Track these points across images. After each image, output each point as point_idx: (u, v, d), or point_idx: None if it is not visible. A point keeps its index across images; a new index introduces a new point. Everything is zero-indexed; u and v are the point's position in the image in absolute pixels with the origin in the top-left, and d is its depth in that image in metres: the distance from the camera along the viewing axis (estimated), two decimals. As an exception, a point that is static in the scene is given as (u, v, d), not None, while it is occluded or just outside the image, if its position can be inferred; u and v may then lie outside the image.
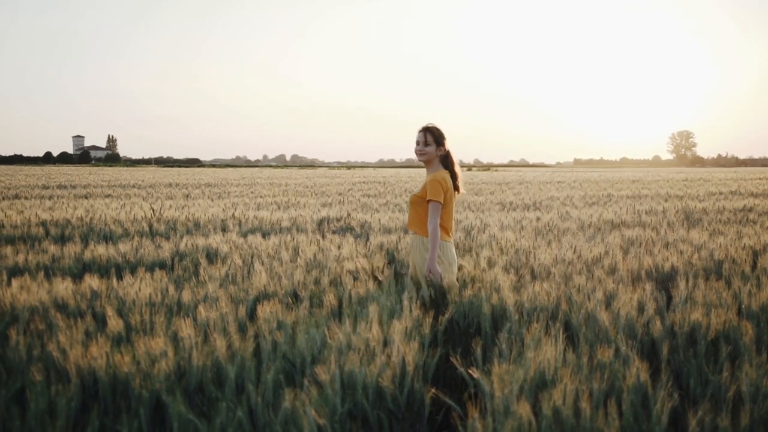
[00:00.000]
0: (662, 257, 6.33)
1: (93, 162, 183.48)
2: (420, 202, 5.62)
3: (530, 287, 4.91)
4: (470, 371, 3.35)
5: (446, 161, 5.72)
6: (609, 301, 4.71)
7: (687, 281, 4.93)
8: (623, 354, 3.67)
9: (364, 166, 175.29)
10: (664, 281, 5.89)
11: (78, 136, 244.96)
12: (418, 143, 5.66)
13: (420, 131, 5.66)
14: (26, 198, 18.84)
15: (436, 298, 5.23)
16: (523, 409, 2.82)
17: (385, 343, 3.75)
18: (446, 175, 5.64)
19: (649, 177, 42.98)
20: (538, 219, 11.07)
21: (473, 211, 13.45)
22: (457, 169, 5.76)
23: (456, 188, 5.72)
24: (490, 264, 6.06)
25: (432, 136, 5.66)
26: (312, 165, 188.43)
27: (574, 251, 6.90)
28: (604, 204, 15.73)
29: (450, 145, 5.72)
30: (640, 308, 4.46)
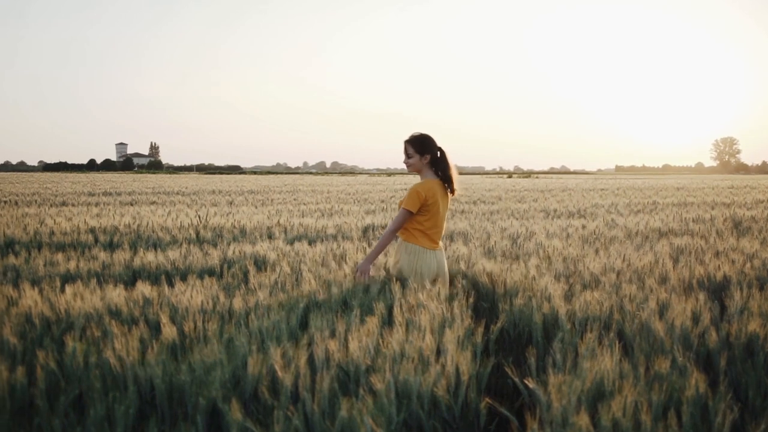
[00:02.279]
0: (713, 266, 6.24)
1: (136, 169, 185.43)
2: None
3: (581, 296, 4.87)
4: (526, 381, 3.33)
5: (439, 166, 5.79)
6: (662, 310, 4.65)
7: (741, 291, 4.86)
8: (680, 365, 3.62)
9: (404, 172, 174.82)
10: (717, 291, 5.81)
11: (121, 144, 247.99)
12: (405, 156, 5.81)
13: (404, 143, 5.77)
14: (73, 205, 19.06)
15: (486, 307, 5.22)
16: (583, 421, 2.79)
17: (438, 352, 3.74)
18: (432, 184, 5.71)
19: (694, 184, 42.50)
20: (583, 227, 10.98)
21: (518, 219, 13.38)
22: (452, 172, 5.83)
23: (452, 190, 5.83)
24: (540, 272, 6.01)
25: (412, 147, 5.75)
26: (352, 172, 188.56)
27: (623, 260, 6.83)
28: (649, 212, 15.57)
29: (445, 147, 5.79)
30: (695, 318, 4.39)
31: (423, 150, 5.75)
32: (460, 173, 6.02)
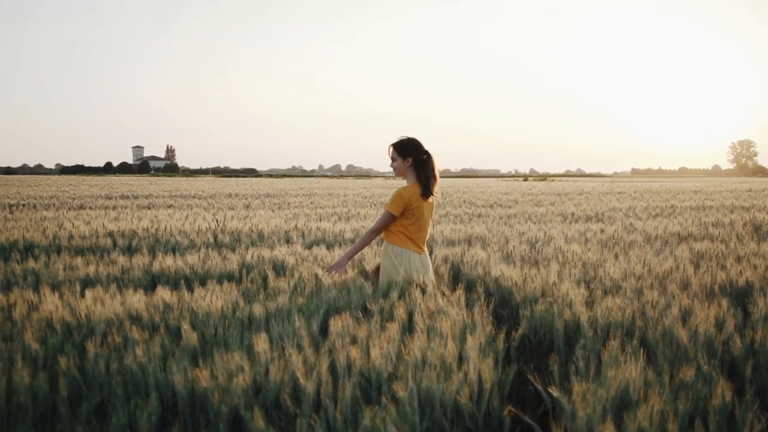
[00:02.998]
0: (735, 272, 6.19)
1: (152, 172, 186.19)
2: None
3: (602, 302, 4.83)
4: (550, 389, 3.30)
5: (421, 170, 5.88)
6: (685, 317, 4.61)
7: (764, 297, 4.81)
8: (705, 373, 3.59)
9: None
10: (740, 297, 5.76)
11: (137, 147, 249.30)
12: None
13: (389, 147, 5.91)
14: (91, 208, 19.13)
15: (507, 313, 5.19)
16: (608, 430, 2.76)
17: (460, 359, 3.72)
18: (416, 188, 5.83)
19: (711, 187, 42.27)
20: (602, 231, 10.93)
21: (535, 223, 13.33)
22: (431, 176, 5.92)
23: (425, 193, 5.88)
24: (560, 278, 5.98)
25: (395, 151, 5.89)
26: (367, 175, 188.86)
27: (644, 265, 6.79)
28: (668, 215, 15.49)
29: (432, 151, 5.93)
30: (718, 325, 4.35)
31: (405, 153, 5.86)
32: (476, 176, 6.10)
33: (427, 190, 5.88)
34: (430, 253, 8.13)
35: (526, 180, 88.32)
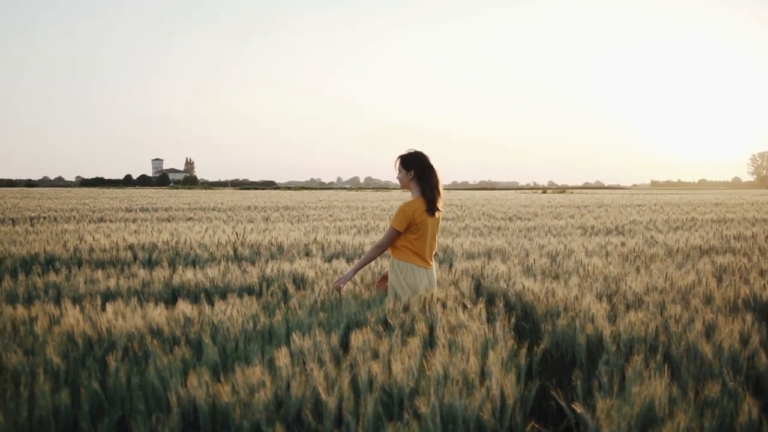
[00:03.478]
0: (759, 286, 6.13)
1: (171, 184, 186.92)
2: None
3: (625, 317, 4.79)
4: (573, 406, 3.27)
5: (424, 184, 5.90)
6: (709, 332, 4.56)
7: (789, 312, 4.76)
8: (731, 389, 3.55)
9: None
10: (764, 311, 5.70)
11: (157, 159, 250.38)
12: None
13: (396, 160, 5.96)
14: (111, 221, 19.20)
15: (528, 327, 5.16)
16: (634, 448, 2.73)
17: (482, 374, 3.69)
18: (420, 203, 5.84)
19: (732, 200, 41.99)
20: (622, 244, 10.87)
21: (555, 236, 13.27)
22: (434, 192, 5.93)
23: (431, 209, 5.88)
24: (581, 292, 5.94)
25: (400, 163, 5.95)
26: (386, 187, 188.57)
27: (666, 279, 6.73)
28: (689, 228, 15.39)
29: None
30: (743, 340, 4.31)
31: (409, 166, 5.91)
32: (494, 188, 6.16)
33: (432, 206, 5.90)
34: (450, 266, 8.10)
35: (544, 192, 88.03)
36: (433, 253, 6.11)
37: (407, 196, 5.87)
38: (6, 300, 6.22)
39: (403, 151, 5.97)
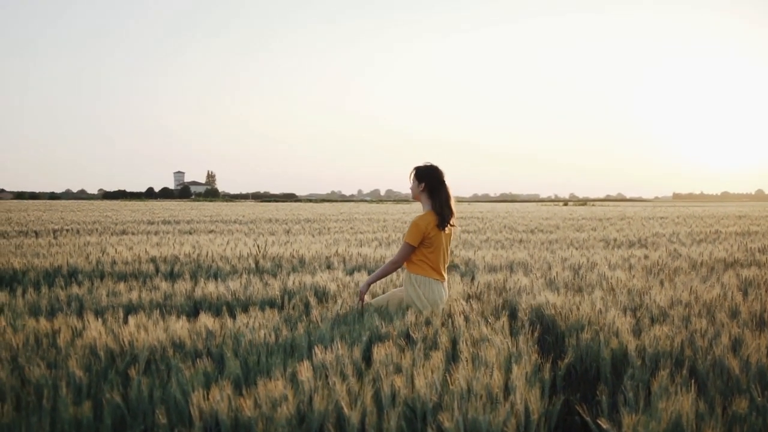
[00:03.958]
0: (785, 299, 6.06)
1: (193, 197, 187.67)
2: None
3: (650, 331, 4.74)
4: (599, 421, 3.24)
5: (436, 199, 5.94)
6: (735, 346, 4.51)
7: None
8: (759, 404, 3.50)
9: (458, 200, 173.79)
10: (791, 325, 5.63)
11: (178, 172, 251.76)
12: None
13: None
14: (133, 233, 19.27)
15: (551, 341, 5.12)
16: (661, 465, 2.69)
17: (506, 389, 3.66)
18: (430, 216, 5.87)
19: (756, 212, 41.62)
20: (645, 257, 10.79)
21: (577, 249, 13.19)
22: (446, 206, 5.95)
23: (442, 225, 5.91)
24: (605, 305, 5.89)
25: (414, 175, 6.01)
26: (407, 199, 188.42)
27: (690, 292, 6.67)
28: (712, 241, 15.25)
29: (448, 181, 6.00)
30: (770, 355, 4.25)
31: (421, 178, 5.96)
32: (515, 201, 6.15)
33: (442, 223, 5.93)
34: (472, 279, 8.07)
35: (566, 205, 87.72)
36: (447, 266, 6.11)
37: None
38: (29, 312, 6.24)
39: (420, 163, 6.00)
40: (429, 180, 5.94)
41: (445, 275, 6.09)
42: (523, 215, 35.51)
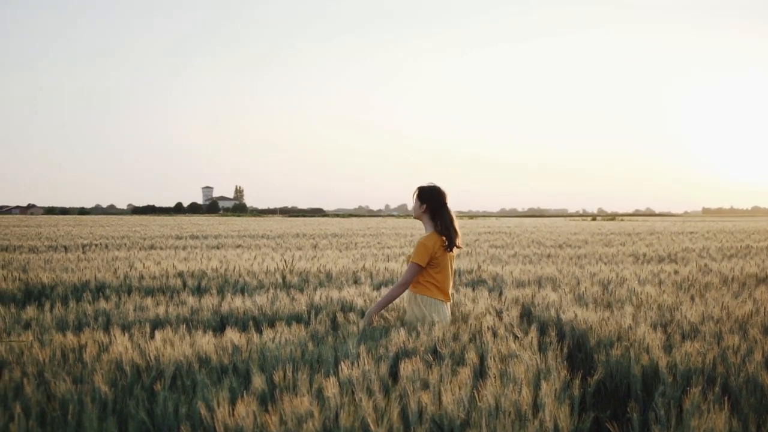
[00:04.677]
0: (820, 315, 5.96)
1: (221, 212, 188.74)
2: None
3: (681, 347, 4.67)
4: (630, 439, 3.18)
5: (440, 221, 5.93)
6: (769, 363, 4.42)
7: None
8: (794, 423, 3.42)
9: (486, 215, 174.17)
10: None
11: (207, 187, 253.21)
12: None
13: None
14: (161, 248, 19.36)
15: (581, 357, 5.05)
16: (695, 485, 2.63)
17: (535, 406, 3.61)
18: (435, 237, 5.87)
19: (787, 227, 41.22)
20: (676, 272, 10.67)
21: (606, 264, 13.08)
22: (451, 229, 5.95)
23: (450, 246, 5.93)
24: (635, 321, 5.81)
25: (417, 195, 6.00)
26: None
27: (722, 308, 6.57)
28: (744, 256, 15.08)
29: (449, 203, 6.01)
30: (805, 372, 4.16)
31: (423, 199, 5.97)
32: (543, 216, 6.09)
33: (450, 244, 5.94)
34: (500, 294, 8.01)
35: (594, 220, 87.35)
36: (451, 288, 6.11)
37: (456, 223, 5.73)
38: (56, 327, 6.26)
39: (424, 183, 6.06)
40: (431, 202, 5.97)
41: (450, 297, 6.07)
42: (551, 230, 35.36)
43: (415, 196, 6.00)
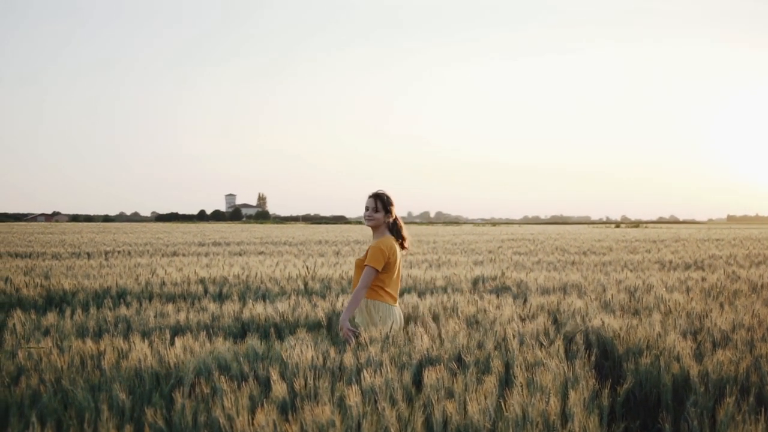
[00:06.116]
0: None
1: (244, 219, 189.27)
2: (363, 266, 5.76)
3: (713, 356, 4.54)
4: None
5: (394, 227, 5.93)
6: (804, 372, 4.29)
7: None
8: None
9: (509, 222, 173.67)
10: None
11: (230, 195, 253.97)
12: (367, 209, 5.89)
13: (370, 197, 5.89)
14: (184, 255, 19.36)
15: (608, 365, 4.94)
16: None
17: (563, 416, 3.50)
18: (392, 241, 5.82)
19: (814, 234, 40.77)
20: (703, 279, 10.51)
21: (632, 270, 12.94)
22: (405, 233, 5.98)
23: (402, 246, 5.94)
24: (664, 329, 5.69)
25: (381, 203, 5.88)
26: (456, 222, 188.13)
27: (753, 315, 6.43)
28: (771, 263, 14.89)
29: (397, 210, 5.97)
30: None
31: (388, 208, 5.91)
32: (566, 223, 5.99)
33: (404, 243, 5.96)
34: (524, 301, 7.90)
35: (618, 227, 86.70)
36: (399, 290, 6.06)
37: (480, 230, 5.62)
38: (76, 334, 6.21)
39: (378, 190, 5.98)
40: (389, 207, 5.92)
41: (398, 299, 6.01)
42: (574, 237, 35.17)
43: (379, 204, 5.88)
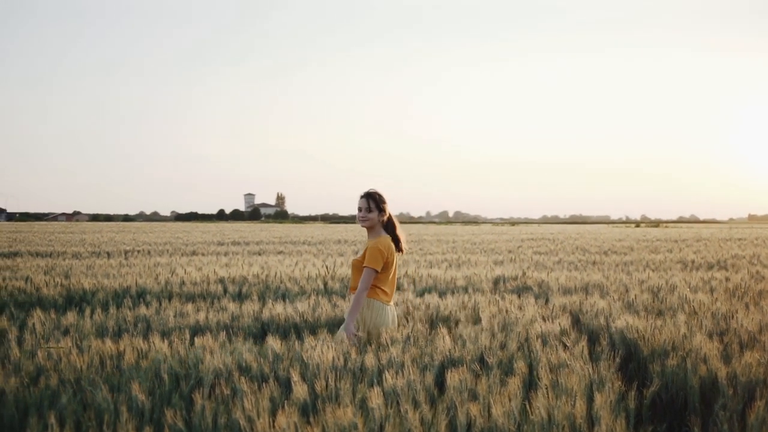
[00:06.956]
0: None
1: (263, 218, 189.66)
2: (361, 267, 5.72)
3: (741, 357, 4.46)
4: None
5: (388, 225, 5.89)
6: (835, 375, 4.20)
7: None
8: None
9: (528, 222, 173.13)
10: None
11: (249, 194, 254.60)
12: (360, 209, 5.82)
13: (362, 197, 5.83)
14: (203, 254, 19.36)
15: (634, 367, 4.86)
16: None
17: (590, 419, 3.43)
18: (388, 240, 5.79)
19: (838, 233, 40.39)
20: (727, 279, 10.39)
21: (654, 270, 12.82)
22: (399, 231, 5.93)
23: (399, 249, 5.90)
24: (690, 329, 5.60)
25: (374, 202, 5.83)
26: (475, 221, 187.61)
27: (779, 316, 6.33)
28: (796, 263, 14.71)
29: (390, 209, 5.90)
30: None
31: (381, 207, 5.87)
32: (585, 222, 5.89)
33: (399, 245, 5.92)
34: (546, 301, 7.82)
35: (638, 226, 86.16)
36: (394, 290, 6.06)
37: (499, 230, 5.57)
38: (95, 333, 6.18)
39: (368, 189, 5.92)
40: (382, 205, 5.86)
41: (393, 298, 5.99)
42: (595, 237, 34.96)
43: (372, 203, 5.83)
